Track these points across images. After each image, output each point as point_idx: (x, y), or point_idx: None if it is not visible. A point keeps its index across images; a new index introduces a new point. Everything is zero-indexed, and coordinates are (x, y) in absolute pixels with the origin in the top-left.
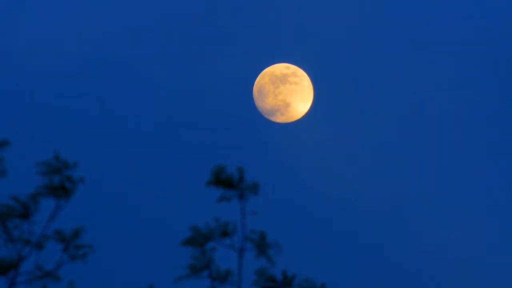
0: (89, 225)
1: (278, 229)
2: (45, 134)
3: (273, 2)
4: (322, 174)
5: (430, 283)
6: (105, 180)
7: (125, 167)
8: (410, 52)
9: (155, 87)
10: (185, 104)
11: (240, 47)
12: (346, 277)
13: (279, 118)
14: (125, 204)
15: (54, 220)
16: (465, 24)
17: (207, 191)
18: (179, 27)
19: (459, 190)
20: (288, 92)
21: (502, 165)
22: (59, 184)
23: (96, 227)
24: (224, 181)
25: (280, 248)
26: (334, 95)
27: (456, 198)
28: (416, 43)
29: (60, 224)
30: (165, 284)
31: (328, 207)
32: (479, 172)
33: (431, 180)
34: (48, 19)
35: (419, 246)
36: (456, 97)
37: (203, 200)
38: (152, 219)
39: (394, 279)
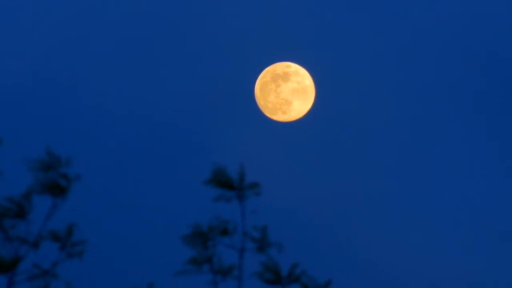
0: (87, 223)
1: (279, 229)
2: (37, 131)
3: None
4: (323, 174)
5: None
6: (102, 177)
7: (124, 164)
8: (413, 51)
9: (155, 85)
10: (186, 101)
11: (241, 45)
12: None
13: (281, 117)
14: (123, 202)
15: (51, 219)
16: (466, 22)
17: (208, 189)
18: (179, 24)
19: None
20: (289, 90)
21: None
22: (54, 182)
23: (94, 225)
24: (223, 182)
25: (281, 248)
26: (336, 94)
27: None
28: (419, 41)
29: (58, 223)
30: (165, 281)
31: (329, 207)
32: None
33: (436, 182)
34: None
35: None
36: (461, 97)
37: (204, 198)
38: (151, 217)
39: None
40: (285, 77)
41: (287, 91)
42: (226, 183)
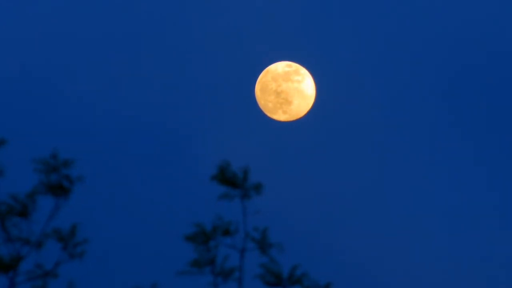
0: (89, 224)
1: (279, 229)
2: (34, 132)
3: None
4: (323, 173)
5: None
6: (105, 177)
7: (125, 164)
8: (412, 52)
9: (155, 85)
10: (186, 101)
11: (241, 45)
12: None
13: (281, 117)
14: (125, 202)
15: (53, 219)
16: (466, 24)
17: (208, 188)
18: (180, 24)
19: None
20: (290, 90)
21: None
22: (57, 183)
23: (96, 225)
24: (228, 179)
25: (281, 248)
26: (336, 93)
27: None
28: (418, 42)
29: (60, 223)
30: (167, 281)
31: (329, 207)
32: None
33: (436, 182)
34: None
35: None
36: (460, 99)
37: (204, 197)
38: (153, 217)
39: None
40: (286, 76)
41: (287, 91)
42: (231, 180)
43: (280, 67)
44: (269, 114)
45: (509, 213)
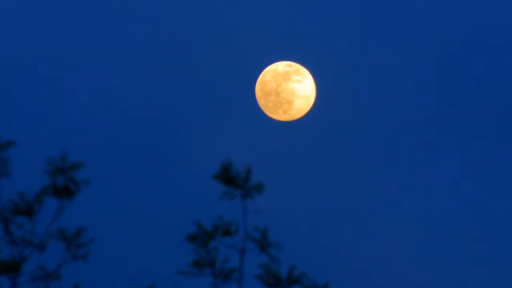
0: (88, 224)
1: (278, 228)
2: (42, 131)
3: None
4: (323, 173)
5: None
6: (104, 176)
7: (126, 163)
8: (413, 51)
9: (155, 85)
10: (187, 101)
11: (242, 45)
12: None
13: (282, 116)
14: (125, 202)
15: (57, 220)
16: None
17: (209, 188)
18: (180, 24)
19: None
20: (290, 90)
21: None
22: (63, 185)
23: (98, 225)
24: (230, 178)
25: (281, 248)
26: (336, 93)
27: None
28: (419, 40)
29: (63, 223)
30: (168, 281)
31: (329, 206)
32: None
33: (435, 182)
34: None
35: None
36: (460, 101)
37: (204, 197)
38: (153, 217)
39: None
40: (286, 76)
41: (287, 91)
42: (233, 180)
43: (280, 67)
44: (269, 114)
45: (505, 213)
